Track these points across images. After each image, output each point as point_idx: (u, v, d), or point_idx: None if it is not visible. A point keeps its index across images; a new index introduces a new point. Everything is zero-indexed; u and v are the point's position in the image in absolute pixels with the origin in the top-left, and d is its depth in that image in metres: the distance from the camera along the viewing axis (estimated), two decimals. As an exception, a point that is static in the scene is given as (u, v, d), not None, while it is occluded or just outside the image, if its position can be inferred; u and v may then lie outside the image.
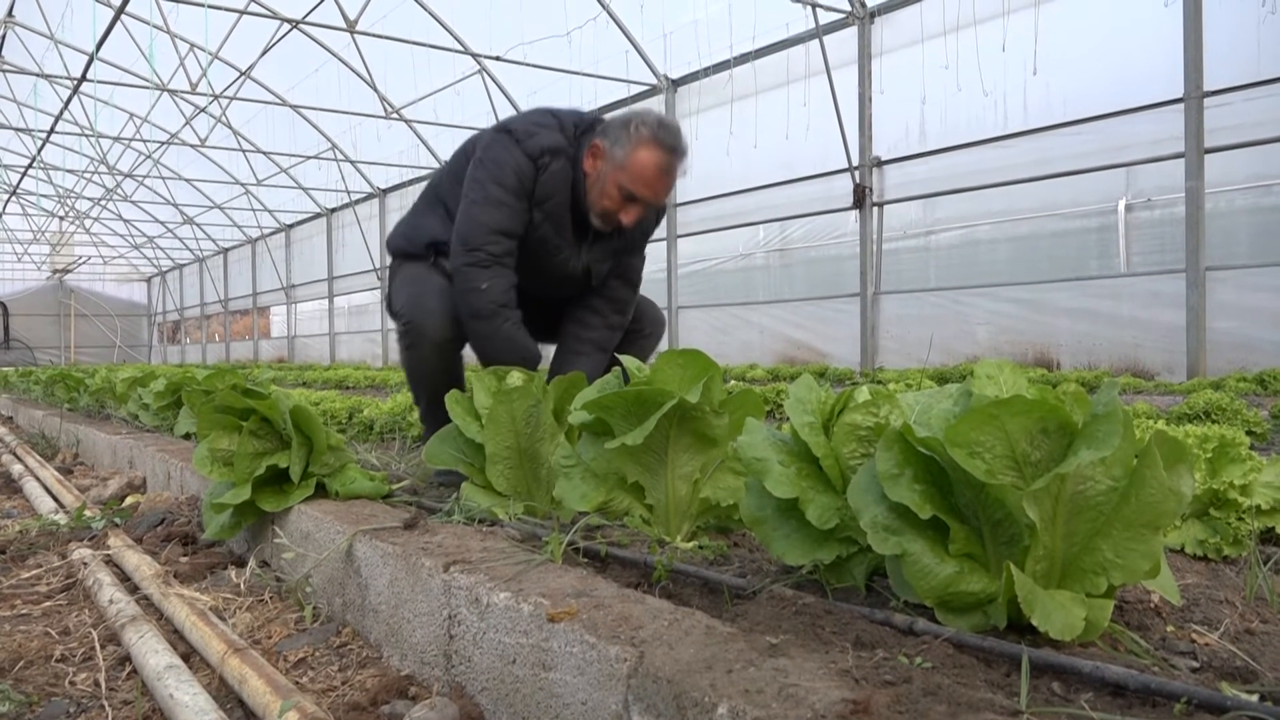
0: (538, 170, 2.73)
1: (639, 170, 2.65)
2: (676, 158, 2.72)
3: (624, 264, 3.05)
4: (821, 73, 10.88)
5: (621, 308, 3.06)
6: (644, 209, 2.76)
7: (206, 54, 13.63)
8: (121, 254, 35.76)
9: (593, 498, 1.88)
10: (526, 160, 2.72)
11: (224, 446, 2.32)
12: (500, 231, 2.69)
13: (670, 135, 2.70)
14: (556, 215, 2.80)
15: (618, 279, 3.06)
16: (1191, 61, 8.21)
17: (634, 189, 2.67)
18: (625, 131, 2.68)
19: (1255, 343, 8.05)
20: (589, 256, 2.92)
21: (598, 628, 1.22)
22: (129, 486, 3.70)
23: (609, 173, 2.69)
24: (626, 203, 2.71)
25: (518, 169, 2.71)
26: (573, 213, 2.82)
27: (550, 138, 2.77)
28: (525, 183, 2.72)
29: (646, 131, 2.66)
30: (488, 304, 2.67)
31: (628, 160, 2.65)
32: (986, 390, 1.38)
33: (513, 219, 2.72)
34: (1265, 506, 1.80)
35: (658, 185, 2.70)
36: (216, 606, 1.99)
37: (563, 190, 2.77)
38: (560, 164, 2.76)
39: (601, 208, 2.74)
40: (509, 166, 2.72)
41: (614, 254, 2.98)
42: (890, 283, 11.38)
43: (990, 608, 1.26)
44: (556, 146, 2.76)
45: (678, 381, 1.83)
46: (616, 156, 2.68)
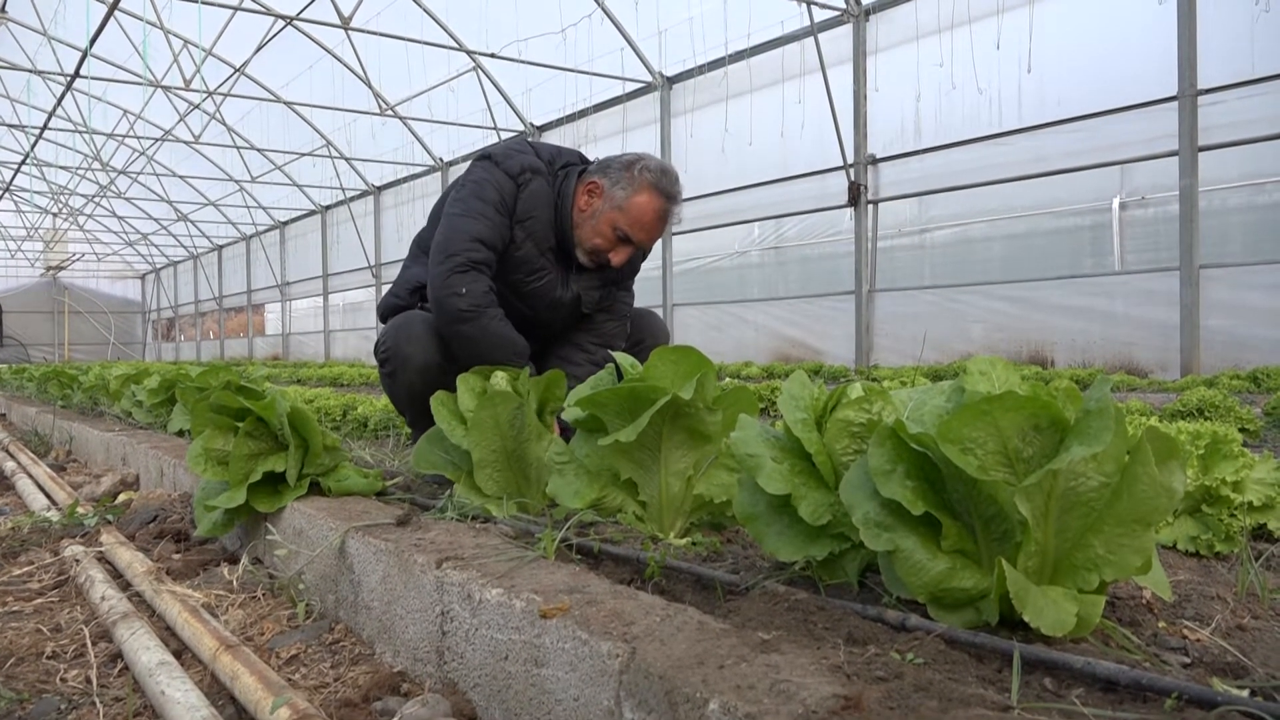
0: (518, 187, 2.75)
1: (638, 214, 2.69)
2: (674, 205, 2.75)
3: (613, 298, 3.05)
4: (816, 70, 10.88)
5: (610, 343, 3.06)
6: (633, 250, 2.79)
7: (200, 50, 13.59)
8: (115, 251, 35.68)
9: (586, 494, 1.88)
10: (507, 178, 2.75)
11: (219, 446, 2.31)
12: (479, 239, 2.69)
13: (671, 183, 2.74)
14: (538, 234, 2.80)
15: (606, 314, 3.05)
16: (1185, 60, 8.23)
17: (630, 231, 2.71)
18: (628, 174, 2.72)
19: (1249, 340, 8.07)
20: (579, 285, 2.92)
21: (590, 624, 1.22)
22: (122, 484, 3.69)
23: (606, 212, 2.71)
24: (619, 243, 2.74)
25: (498, 185, 2.74)
26: (556, 239, 2.83)
27: (528, 159, 2.81)
28: (506, 198, 2.74)
29: (650, 177, 2.70)
30: (470, 305, 2.65)
31: (628, 203, 2.68)
32: (979, 386, 1.38)
33: (493, 230, 2.71)
34: (1257, 503, 1.80)
35: (654, 230, 2.74)
36: (209, 603, 1.98)
37: (544, 210, 2.79)
38: (540, 183, 2.79)
39: (592, 245, 2.77)
40: (489, 183, 2.75)
41: (605, 282, 2.97)
42: (885, 280, 11.39)
43: (982, 604, 1.26)
44: (535, 166, 2.80)
45: (671, 378, 1.83)
46: (616, 197, 2.70)
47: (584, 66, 13.21)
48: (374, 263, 21.73)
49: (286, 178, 22.12)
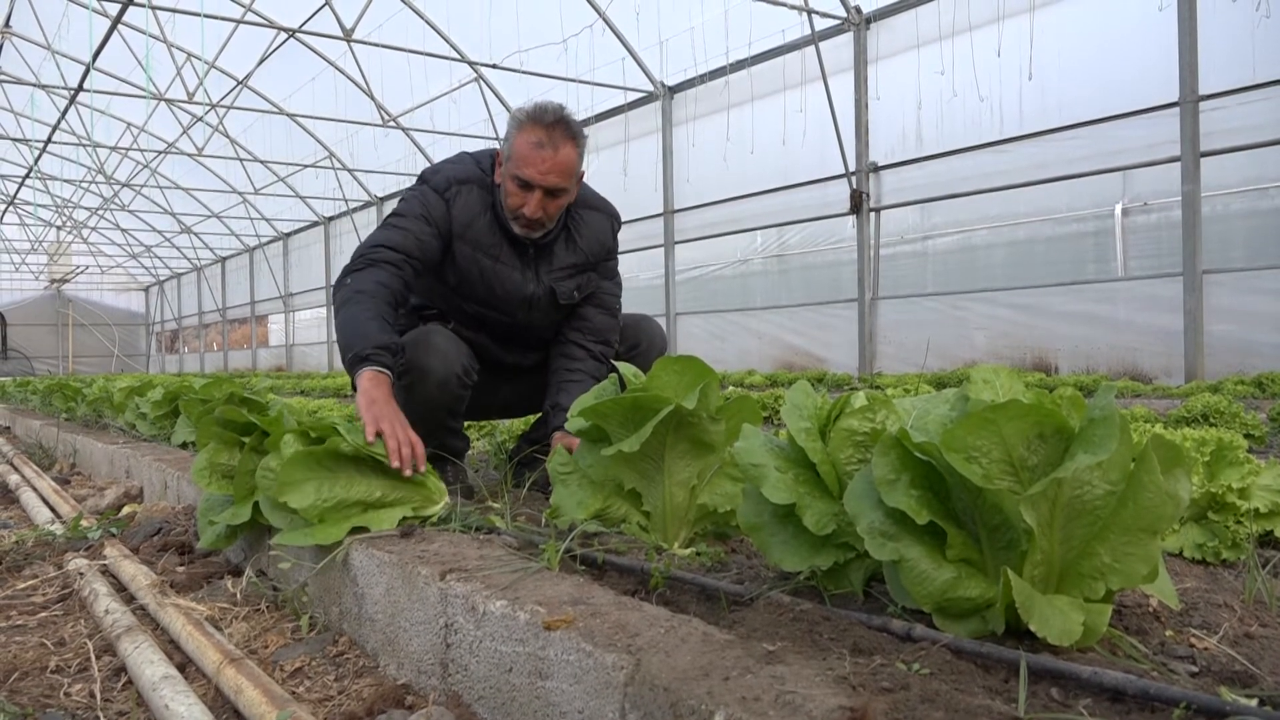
0: (447, 203, 2.72)
1: (522, 154, 2.61)
2: (557, 131, 2.61)
3: (597, 290, 2.99)
4: (818, 79, 10.90)
5: (604, 336, 2.99)
6: (544, 195, 2.66)
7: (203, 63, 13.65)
8: (119, 263, 35.77)
9: (590, 505, 1.88)
10: (434, 194, 2.73)
11: (224, 460, 2.31)
12: (384, 245, 2.64)
13: (546, 113, 2.63)
14: (484, 243, 2.76)
15: (594, 307, 3.00)
16: (1186, 66, 8.24)
17: (523, 173, 2.62)
18: (508, 129, 2.69)
19: (1253, 346, 8.06)
20: (549, 277, 2.86)
21: (594, 635, 1.22)
22: (126, 496, 3.69)
23: (505, 171, 2.68)
24: (524, 192, 2.65)
25: (424, 200, 2.72)
26: (509, 239, 2.79)
27: (457, 170, 2.78)
28: (432, 213, 2.70)
29: (521, 116, 2.65)
30: (343, 294, 2.57)
31: (512, 150, 2.63)
32: (983, 395, 1.38)
33: (403, 237, 2.65)
34: (1263, 510, 1.79)
35: (541, 163, 2.61)
36: (213, 616, 1.98)
37: (482, 215, 2.76)
38: (472, 191, 2.75)
39: (510, 208, 2.70)
40: (416, 199, 2.74)
41: (576, 271, 2.91)
42: (888, 288, 11.39)
43: (988, 613, 1.25)
44: (463, 177, 2.77)
45: (674, 388, 1.83)
46: (505, 152, 2.68)
47: (585, 76, 13.25)
48: (377, 273, 21.72)
49: (289, 189, 22.17)
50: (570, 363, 2.91)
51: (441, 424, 2.89)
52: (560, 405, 2.80)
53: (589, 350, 2.95)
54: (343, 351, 2.45)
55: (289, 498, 1.82)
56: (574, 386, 2.85)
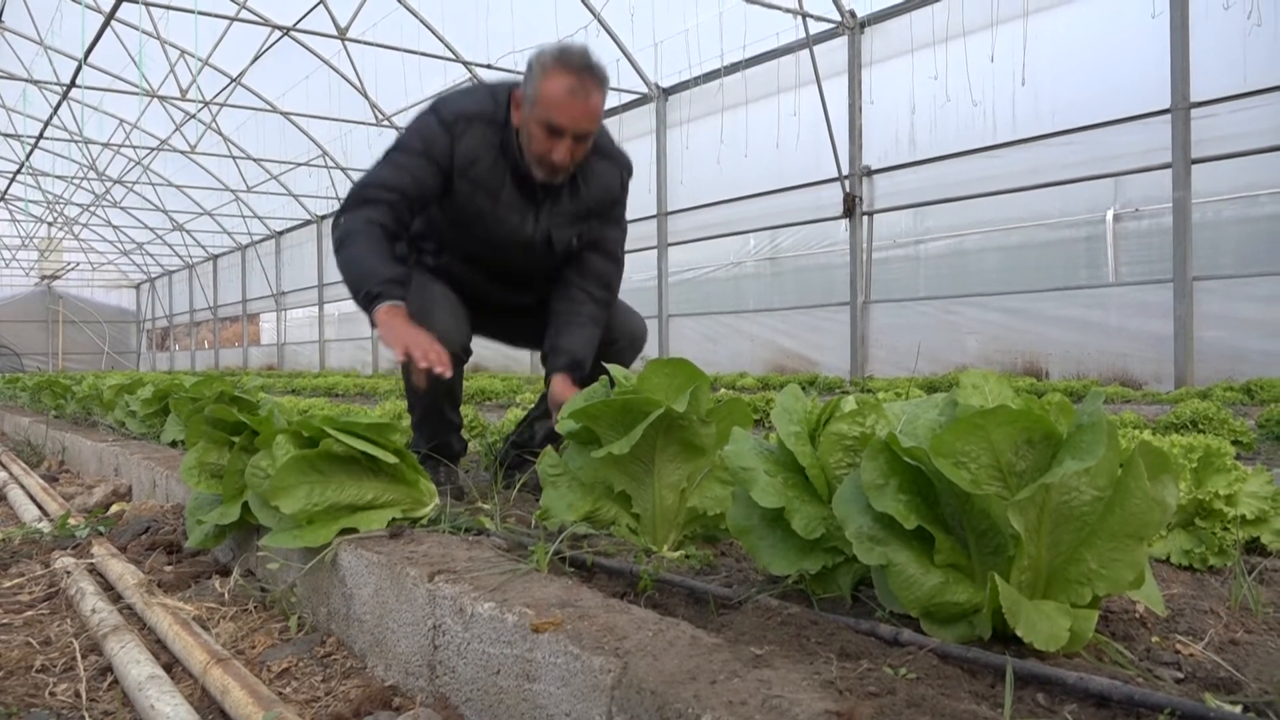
0: (452, 137, 2.65)
1: (551, 99, 2.54)
2: (587, 77, 2.57)
3: (600, 236, 2.93)
4: (812, 82, 10.92)
5: (605, 282, 2.95)
6: (574, 143, 2.63)
7: (197, 60, 13.62)
8: (110, 260, 35.64)
9: (579, 507, 1.88)
10: (439, 127, 2.66)
11: (213, 459, 2.30)
12: (380, 185, 2.63)
13: (574, 57, 2.58)
14: (486, 182, 2.71)
15: (595, 252, 2.94)
16: (1178, 73, 8.27)
17: (551, 118, 2.55)
18: (531, 70, 2.61)
19: (1242, 352, 8.10)
20: (548, 221, 2.80)
21: (582, 638, 1.22)
22: (114, 494, 3.67)
23: (529, 114, 2.59)
24: (552, 138, 2.58)
25: (425, 134, 2.67)
26: (515, 180, 2.72)
27: (469, 104, 2.71)
28: (432, 148, 2.65)
29: (549, 59, 2.57)
30: (338, 234, 2.60)
31: (538, 93, 2.55)
32: (972, 400, 1.38)
33: (401, 174, 2.64)
34: (1250, 516, 1.80)
35: (573, 109, 2.56)
36: (200, 616, 1.97)
37: (487, 154, 2.68)
38: (479, 128, 2.68)
39: (533, 153, 2.63)
40: (416, 131, 2.69)
41: (576, 219, 2.85)
42: (880, 292, 11.41)
43: (975, 618, 1.25)
44: (473, 113, 2.69)
45: (665, 390, 1.83)
46: (530, 94, 2.58)
47: (580, 77, 13.22)
48: (369, 273, 21.69)
49: (282, 187, 22.13)
50: (571, 305, 2.87)
51: (441, 413, 2.90)
52: (559, 348, 2.78)
53: (590, 294, 2.90)
54: (352, 292, 2.52)
55: (280, 502, 1.81)
56: (575, 330, 2.83)
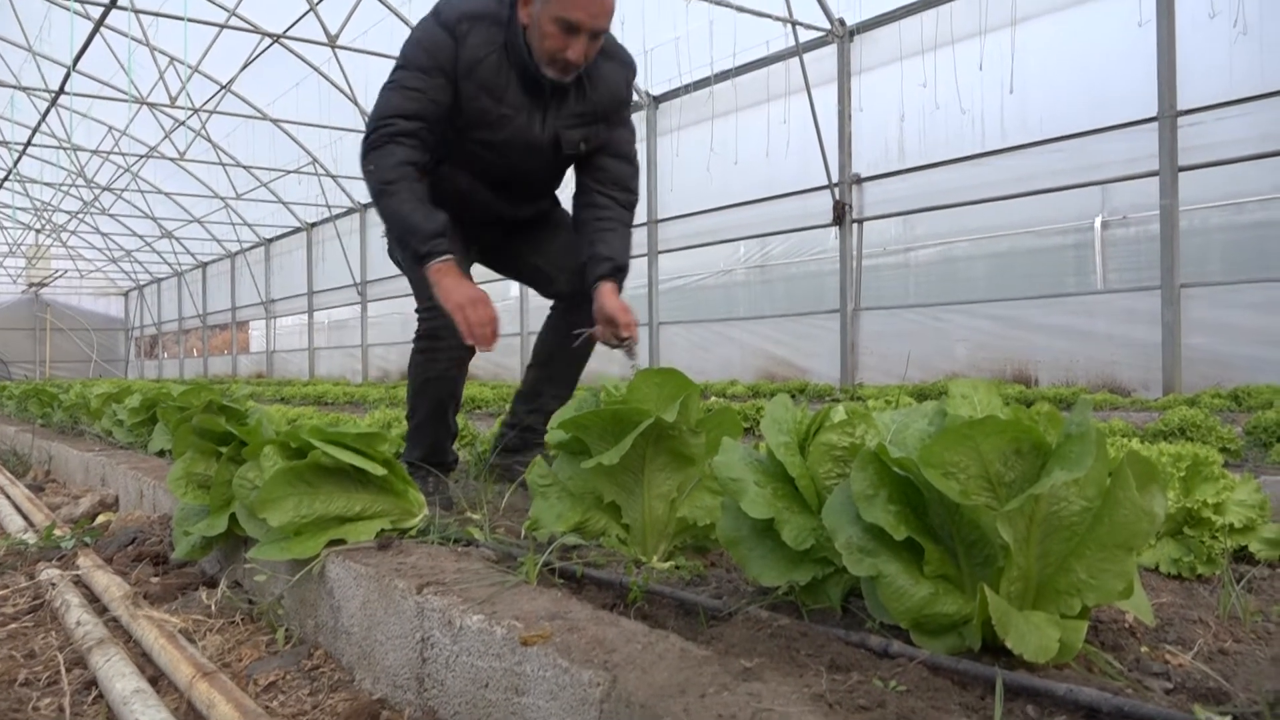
0: (455, 40, 2.57)
1: None
2: None
3: (611, 138, 2.87)
4: (801, 90, 10.96)
5: (625, 184, 2.88)
6: (589, 40, 2.56)
7: (186, 67, 13.58)
8: (99, 268, 35.47)
9: (569, 518, 1.87)
10: (442, 32, 2.58)
11: (200, 470, 2.29)
12: (397, 114, 2.56)
13: None
14: (490, 82, 2.62)
15: (609, 156, 2.87)
16: (1165, 81, 8.32)
17: (567, 14, 2.49)
18: None
19: (1229, 359, 8.14)
20: (555, 123, 2.73)
21: (571, 651, 1.21)
22: (101, 505, 3.65)
23: (540, 11, 2.52)
24: (568, 35, 2.52)
25: (429, 44, 2.59)
26: (521, 80, 2.64)
27: (472, 4, 2.62)
28: (439, 57, 2.57)
29: None
30: (376, 183, 2.56)
31: None
32: (961, 410, 1.39)
33: (414, 99, 2.57)
34: (1238, 525, 1.81)
35: (590, 5, 2.50)
36: (186, 629, 1.96)
37: (492, 54, 2.60)
38: (484, 27, 2.60)
39: (546, 51, 2.55)
40: (420, 44, 2.60)
41: (584, 121, 2.78)
42: (870, 299, 11.43)
43: (965, 629, 1.25)
44: (477, 11, 2.61)
45: (655, 400, 1.83)
46: None
47: (570, 85, 13.25)
48: (359, 280, 21.68)
49: (272, 195, 22.07)
50: (599, 212, 2.82)
51: (444, 416, 2.87)
52: (599, 255, 2.73)
53: (614, 198, 2.85)
54: (399, 246, 2.58)
55: (268, 514, 1.80)
56: (609, 235, 2.79)
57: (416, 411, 2.89)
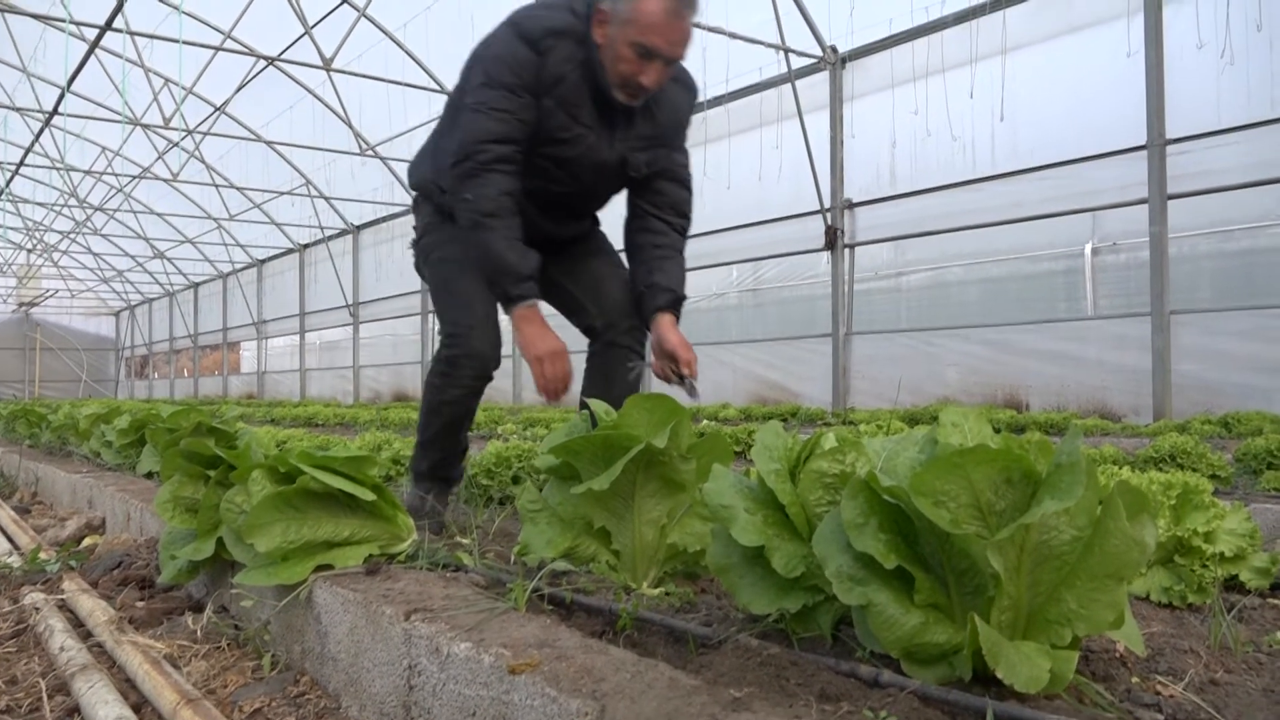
0: (540, 55, 2.49)
1: (647, 20, 2.41)
2: (685, 1, 2.46)
3: (668, 161, 2.81)
4: (794, 116, 11.03)
5: (682, 210, 2.85)
6: (664, 67, 2.50)
7: (181, 89, 13.62)
8: (90, 288, 35.39)
9: (559, 543, 1.86)
10: (526, 48, 2.49)
11: (188, 494, 2.27)
12: (491, 139, 2.49)
13: None
14: (569, 99, 2.55)
15: (668, 180, 2.83)
16: (1154, 110, 8.40)
17: (646, 40, 2.42)
18: None
19: (1219, 385, 8.17)
20: (622, 145, 2.68)
21: (559, 680, 1.20)
22: (88, 527, 3.62)
23: (617, 33, 2.45)
24: (643, 61, 2.45)
25: (514, 62, 2.49)
26: (594, 98, 2.58)
27: (555, 19, 2.53)
28: (524, 75, 2.49)
29: None
30: (474, 214, 2.49)
31: (633, 13, 2.41)
32: (951, 438, 1.38)
33: (505, 122, 2.50)
34: (1228, 554, 1.81)
35: (670, 32, 2.44)
36: (171, 654, 1.94)
37: (573, 70, 2.53)
38: (567, 45, 2.52)
39: (619, 75, 2.49)
40: (505, 61, 2.51)
41: (649, 143, 2.74)
42: (862, 323, 11.46)
43: (955, 659, 1.24)
44: (561, 27, 2.52)
45: (645, 426, 1.82)
46: (621, 13, 2.44)
47: (564, 109, 13.32)
48: (352, 302, 21.67)
49: (265, 216, 22.08)
50: (656, 238, 2.78)
51: (456, 433, 2.81)
52: (658, 284, 2.70)
53: (670, 224, 2.81)
54: (489, 282, 2.51)
55: (255, 540, 1.79)
56: (667, 264, 2.75)
57: (429, 428, 2.83)
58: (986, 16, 9.68)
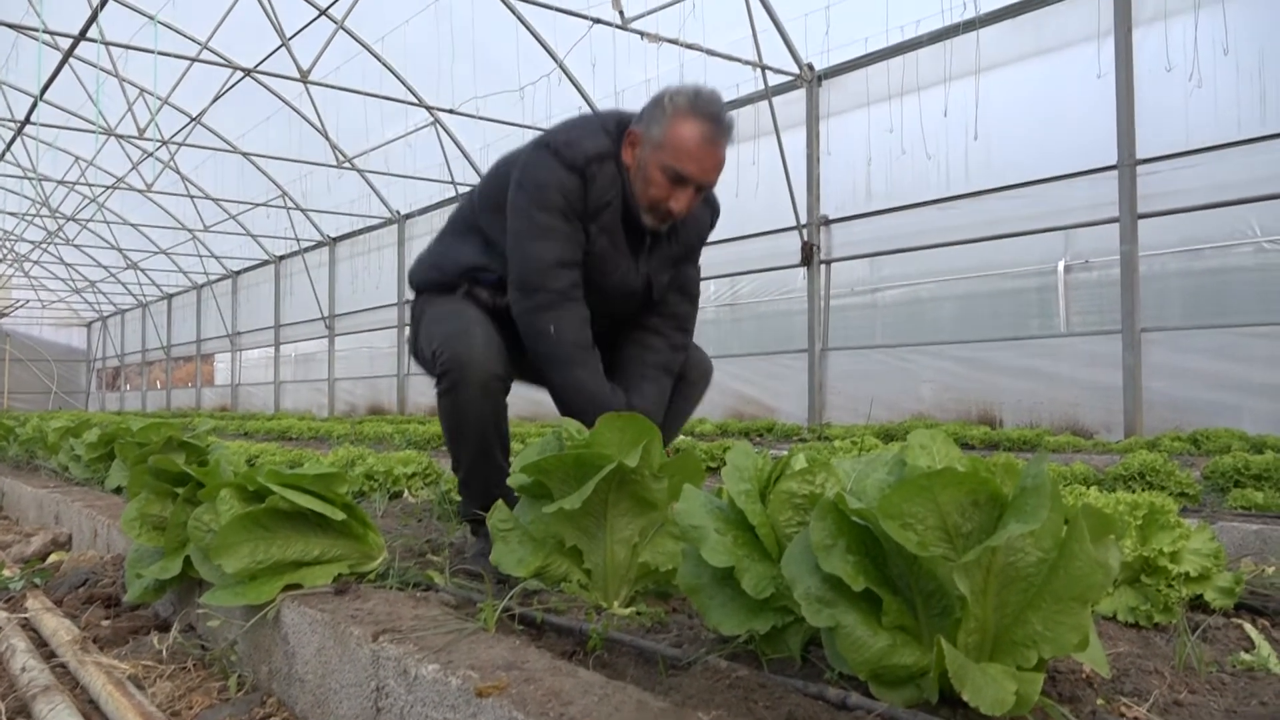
0: (585, 181, 2.41)
1: (681, 145, 2.36)
2: (721, 129, 2.41)
3: (680, 275, 2.74)
4: (771, 133, 11.10)
5: (684, 324, 2.77)
6: (695, 193, 2.44)
7: (156, 99, 13.52)
8: (61, 298, 34.96)
9: (530, 563, 1.85)
10: (570, 174, 2.40)
11: (155, 511, 2.25)
12: (559, 264, 2.38)
13: (709, 103, 2.41)
14: (611, 227, 2.48)
15: (675, 293, 2.75)
16: (1124, 131, 8.52)
17: (679, 166, 2.37)
18: (659, 109, 2.41)
19: (1188, 403, 8.26)
20: (648, 267, 2.60)
21: (526, 703, 1.19)
22: (53, 543, 3.57)
23: (649, 157, 2.39)
24: (674, 186, 2.40)
25: (562, 187, 2.39)
26: (625, 222, 2.50)
27: (593, 143, 2.44)
28: (573, 201, 2.40)
29: (683, 101, 2.39)
30: (556, 350, 2.37)
31: (666, 137, 2.36)
32: (920, 460, 1.39)
33: (568, 247, 2.40)
34: (1194, 574, 1.83)
35: (705, 160, 2.39)
36: (136, 675, 1.91)
37: (615, 197, 2.46)
38: (609, 169, 2.44)
39: (649, 199, 2.43)
40: (552, 187, 2.39)
41: (673, 263, 2.68)
42: (838, 339, 11.52)
43: (923, 681, 1.25)
44: (602, 152, 2.44)
45: (617, 445, 1.82)
46: (654, 136, 2.38)
47: (542, 124, 13.32)
48: (328, 314, 21.54)
49: (240, 227, 21.94)
50: (646, 354, 2.67)
51: (492, 457, 2.44)
52: (633, 406, 2.53)
53: (668, 339, 2.72)
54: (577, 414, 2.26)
55: (223, 561, 1.77)
56: (647, 384, 2.64)
57: (460, 460, 2.52)
58: (960, 37, 9.79)
